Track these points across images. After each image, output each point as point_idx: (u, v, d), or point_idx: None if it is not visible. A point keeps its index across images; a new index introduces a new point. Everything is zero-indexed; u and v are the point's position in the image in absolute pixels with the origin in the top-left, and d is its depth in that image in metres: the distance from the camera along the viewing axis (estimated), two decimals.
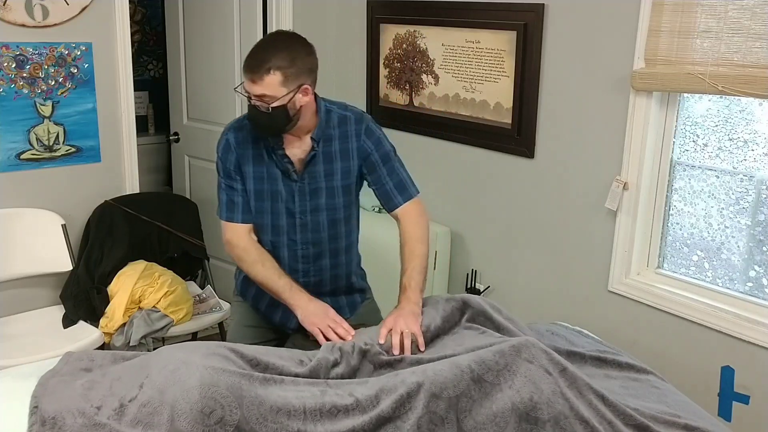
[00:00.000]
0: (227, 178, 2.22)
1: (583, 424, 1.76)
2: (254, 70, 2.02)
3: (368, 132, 2.24)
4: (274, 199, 2.21)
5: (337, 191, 2.24)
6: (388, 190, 2.26)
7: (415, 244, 2.22)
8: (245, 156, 2.19)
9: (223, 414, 1.65)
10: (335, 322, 2.10)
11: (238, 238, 2.22)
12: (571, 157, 3.00)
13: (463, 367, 1.79)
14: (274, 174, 2.19)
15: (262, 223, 2.24)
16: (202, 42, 4.10)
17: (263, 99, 2.04)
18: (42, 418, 1.69)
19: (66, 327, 3.09)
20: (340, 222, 2.28)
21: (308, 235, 2.24)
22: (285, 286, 2.18)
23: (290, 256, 2.26)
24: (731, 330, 2.58)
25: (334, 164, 2.22)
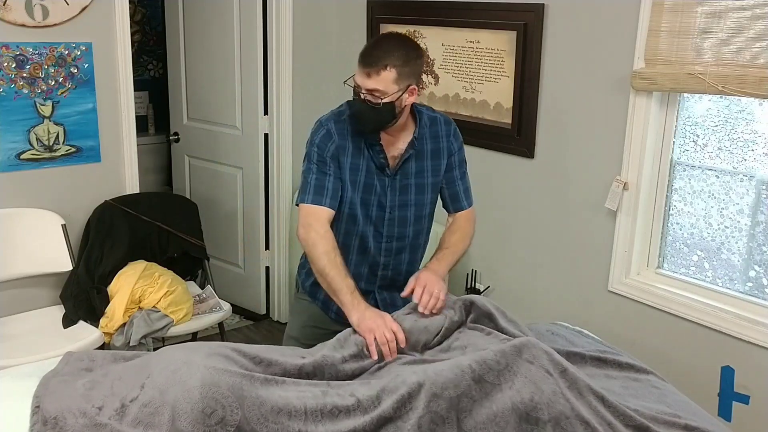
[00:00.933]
0: (321, 165, 2.22)
1: (583, 425, 1.76)
2: (371, 65, 2.09)
3: (455, 134, 2.37)
4: (367, 192, 2.25)
5: (426, 188, 2.32)
6: (458, 191, 2.39)
7: (464, 237, 2.40)
8: (344, 147, 2.22)
9: (224, 414, 1.65)
10: (392, 332, 2.06)
11: (320, 222, 2.20)
12: (571, 157, 3.00)
13: (464, 367, 1.80)
14: (370, 168, 2.24)
15: (353, 213, 2.26)
16: (202, 42, 4.10)
17: (374, 93, 2.11)
18: (43, 418, 1.69)
19: (66, 327, 3.09)
20: (425, 218, 2.36)
21: (394, 229, 2.30)
22: (350, 286, 2.17)
23: (375, 247, 2.30)
24: (731, 330, 2.58)
25: (425, 162, 2.30)
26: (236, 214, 4.18)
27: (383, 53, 2.10)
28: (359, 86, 2.13)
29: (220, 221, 4.22)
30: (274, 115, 3.95)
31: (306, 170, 2.26)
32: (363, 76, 2.11)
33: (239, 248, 4.24)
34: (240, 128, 4.05)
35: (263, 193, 4.07)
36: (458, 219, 2.41)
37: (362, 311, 2.12)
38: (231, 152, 4.12)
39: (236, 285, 4.25)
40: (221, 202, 4.22)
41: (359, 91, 2.14)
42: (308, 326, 2.38)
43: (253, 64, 3.88)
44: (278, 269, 4.17)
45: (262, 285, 4.22)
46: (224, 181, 4.19)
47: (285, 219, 4.09)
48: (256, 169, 4.03)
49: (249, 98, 3.96)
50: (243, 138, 4.05)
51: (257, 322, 4.28)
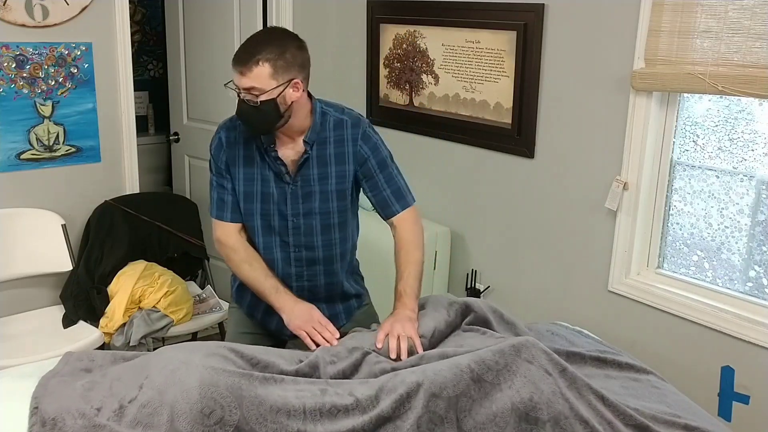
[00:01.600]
0: (218, 176, 2.20)
1: (582, 425, 1.76)
2: (243, 62, 1.99)
3: (365, 137, 2.20)
4: (265, 201, 2.17)
5: (331, 195, 2.19)
6: (385, 197, 2.23)
7: (411, 250, 2.21)
8: (236, 156, 2.16)
9: (223, 414, 1.65)
10: (320, 324, 2.08)
11: (227, 236, 2.22)
12: (571, 157, 3.00)
13: (463, 367, 1.79)
14: (266, 175, 2.16)
15: (252, 225, 2.21)
16: (202, 42, 4.10)
17: (252, 92, 2.01)
18: (42, 418, 1.69)
19: (66, 327, 3.09)
20: (334, 227, 2.23)
21: (301, 238, 2.20)
22: (271, 287, 2.16)
23: (283, 258, 2.23)
24: (731, 330, 2.58)
25: (329, 168, 2.17)
26: None
27: (254, 48, 2.00)
28: (237, 87, 2.03)
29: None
30: None
31: (210, 181, 2.24)
32: (238, 76, 2.01)
33: None
34: None
35: None
36: (398, 231, 2.24)
37: (290, 308, 2.13)
38: None
39: None
40: None
41: (238, 93, 2.04)
42: (239, 333, 2.35)
43: None
44: None
45: None
46: None
47: None
48: None
49: None
50: None
51: None
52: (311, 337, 2.07)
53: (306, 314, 2.12)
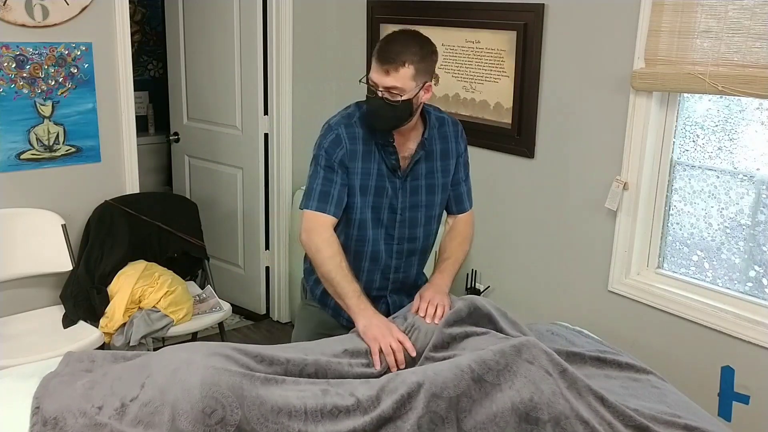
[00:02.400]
0: (328, 171, 2.18)
1: (583, 425, 1.76)
2: (390, 61, 2.05)
3: (462, 136, 2.37)
4: (378, 195, 2.22)
5: (437, 189, 2.30)
6: (462, 193, 2.39)
7: (464, 241, 2.40)
8: (355, 152, 2.19)
9: (224, 414, 1.65)
10: (397, 342, 2.03)
11: (323, 228, 2.18)
12: (571, 157, 3.00)
13: (464, 367, 1.80)
14: (382, 170, 2.21)
15: (364, 218, 2.23)
16: (202, 42, 4.10)
17: (392, 91, 2.07)
18: (43, 418, 1.69)
19: (66, 327, 3.09)
20: (435, 219, 2.34)
21: (405, 231, 2.28)
22: (356, 291, 2.15)
23: (387, 251, 2.28)
24: (731, 330, 2.58)
25: (435, 163, 2.28)
26: (236, 214, 4.18)
27: (401, 49, 2.06)
28: (376, 84, 2.09)
29: (220, 221, 4.22)
30: (274, 115, 3.94)
31: (312, 174, 2.22)
32: (381, 74, 2.07)
33: (239, 248, 4.24)
34: (240, 128, 4.05)
35: (263, 193, 4.07)
36: (458, 222, 2.40)
37: (369, 317, 2.10)
38: (231, 152, 4.12)
39: (236, 285, 4.25)
40: (221, 202, 4.22)
41: (376, 89, 2.09)
42: (318, 333, 2.32)
43: (253, 64, 3.88)
44: (278, 269, 4.17)
45: (262, 285, 4.22)
46: (224, 181, 4.19)
47: (285, 219, 4.09)
48: (256, 169, 4.03)
49: (249, 98, 3.96)
50: (243, 138, 4.05)
51: (257, 322, 4.28)
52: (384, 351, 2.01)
53: (385, 327, 2.07)
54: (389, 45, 2.09)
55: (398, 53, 2.05)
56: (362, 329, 2.08)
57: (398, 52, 2.05)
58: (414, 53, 2.07)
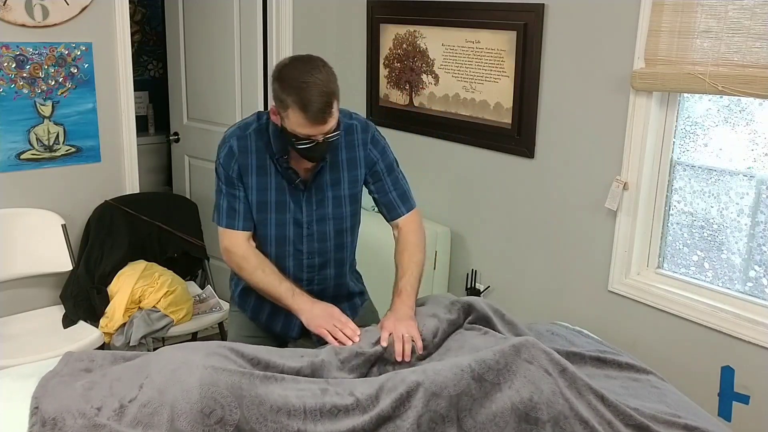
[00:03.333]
0: (229, 185, 2.16)
1: (582, 425, 1.76)
2: (326, 110, 1.94)
3: (374, 141, 2.24)
4: (279, 210, 2.17)
5: (344, 200, 2.22)
6: (391, 200, 2.27)
7: (414, 251, 2.25)
8: (248, 165, 2.14)
9: (223, 414, 1.65)
10: (341, 322, 2.08)
11: (237, 245, 2.17)
12: (571, 157, 3.00)
13: (464, 367, 1.80)
14: (280, 184, 2.15)
15: (265, 234, 2.20)
16: (202, 42, 4.10)
17: (333, 129, 2.00)
18: (42, 418, 1.69)
19: (66, 327, 3.09)
20: (347, 231, 2.26)
21: (314, 245, 2.21)
22: (287, 291, 2.15)
23: (295, 266, 2.23)
24: (731, 330, 2.58)
25: (341, 173, 2.19)
26: None
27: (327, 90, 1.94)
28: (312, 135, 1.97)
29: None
30: None
31: (217, 189, 2.19)
32: (318, 126, 1.95)
33: None
34: None
35: None
36: (402, 232, 2.28)
37: (309, 309, 2.11)
38: None
39: None
40: None
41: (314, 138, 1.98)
42: (243, 336, 2.33)
43: (253, 64, 3.88)
44: None
45: None
46: None
47: None
48: None
49: (249, 98, 3.96)
50: None
51: None
52: (333, 335, 2.05)
53: (326, 313, 2.11)
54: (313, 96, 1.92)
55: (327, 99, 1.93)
56: (306, 322, 2.10)
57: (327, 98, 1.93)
58: (332, 84, 1.97)
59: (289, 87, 1.95)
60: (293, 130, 1.98)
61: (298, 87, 1.93)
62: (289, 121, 1.97)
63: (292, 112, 1.95)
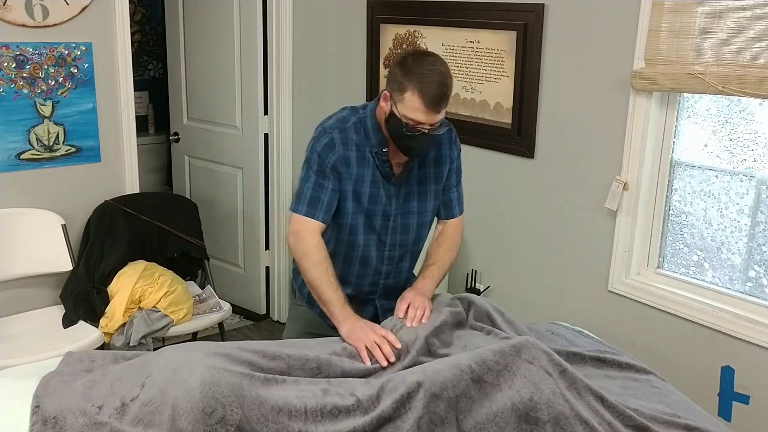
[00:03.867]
0: (320, 175, 2.16)
1: (583, 425, 1.76)
2: (442, 100, 2.02)
3: (456, 141, 2.33)
4: (372, 202, 2.20)
5: (429, 195, 2.27)
6: (452, 199, 2.35)
7: (452, 248, 2.35)
8: (348, 157, 2.16)
9: (225, 413, 1.65)
10: (381, 337, 2.05)
11: (311, 233, 2.17)
12: (571, 157, 3.00)
13: (463, 367, 1.79)
14: (376, 177, 2.18)
15: (355, 224, 2.21)
16: (202, 42, 4.10)
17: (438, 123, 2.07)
18: (43, 417, 1.69)
19: (66, 327, 3.09)
20: (426, 226, 2.33)
21: (397, 237, 2.26)
22: (340, 298, 2.15)
23: (378, 257, 2.26)
24: (731, 330, 2.58)
25: (428, 169, 2.25)
26: (236, 214, 4.18)
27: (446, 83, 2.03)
28: (421, 123, 2.04)
29: (220, 221, 4.22)
30: (274, 115, 3.95)
31: (304, 177, 2.19)
32: (432, 114, 2.03)
33: (239, 248, 4.24)
34: (240, 128, 4.05)
35: (263, 193, 4.07)
36: (447, 228, 2.37)
37: (352, 323, 2.10)
38: (231, 152, 4.12)
39: (236, 285, 4.25)
40: (221, 202, 4.22)
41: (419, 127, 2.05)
42: (306, 333, 2.33)
43: (253, 64, 3.88)
44: (278, 269, 4.17)
45: (262, 285, 4.22)
46: (224, 181, 4.19)
47: (285, 219, 4.08)
48: (256, 169, 4.03)
49: (249, 98, 3.96)
50: (243, 138, 4.05)
51: (257, 322, 4.28)
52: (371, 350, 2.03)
53: (367, 327, 2.09)
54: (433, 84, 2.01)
55: (445, 90, 2.03)
56: (346, 334, 2.09)
57: (445, 89, 2.03)
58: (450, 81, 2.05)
59: (412, 72, 2.03)
60: (405, 114, 2.03)
61: (421, 73, 2.01)
62: (403, 105, 2.03)
63: (410, 96, 2.01)
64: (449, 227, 2.37)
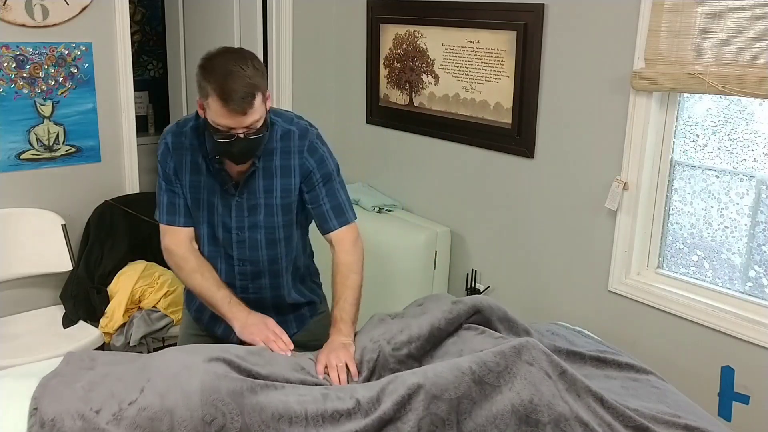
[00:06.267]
0: (167, 181, 2.11)
1: (582, 427, 1.75)
2: (246, 100, 1.86)
3: (311, 149, 2.11)
4: (210, 211, 2.11)
5: (276, 209, 2.12)
6: (324, 212, 2.15)
7: (347, 273, 2.13)
8: (182, 162, 2.08)
9: (225, 422, 1.63)
10: (275, 334, 2.01)
11: (178, 244, 2.12)
12: (571, 157, 3.00)
13: (464, 369, 1.79)
14: (211, 185, 2.08)
15: (201, 234, 2.15)
16: (202, 42, 4.10)
17: (254, 125, 1.92)
18: (41, 420, 1.68)
19: (66, 327, 3.09)
20: (280, 242, 2.16)
21: (246, 252, 2.14)
22: (224, 298, 2.09)
23: (227, 270, 2.17)
24: (731, 330, 2.58)
25: (274, 180, 2.09)
26: None
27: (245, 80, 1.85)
28: (230, 128, 1.89)
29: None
30: None
31: (157, 186, 2.14)
32: (236, 117, 1.87)
33: None
34: None
35: None
36: (335, 251, 2.16)
37: (243, 319, 2.05)
38: None
39: None
40: None
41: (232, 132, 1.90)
42: (188, 335, 2.32)
43: None
44: None
45: None
46: None
47: None
48: None
49: None
50: None
51: None
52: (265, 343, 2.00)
53: (260, 324, 2.05)
54: (231, 84, 1.85)
55: (249, 90, 1.85)
56: (239, 332, 2.04)
57: (249, 89, 1.85)
58: (258, 78, 1.88)
59: (211, 73, 1.89)
60: (213, 120, 1.90)
61: (220, 74, 1.87)
62: (209, 111, 1.90)
63: (212, 101, 1.87)
64: (336, 248, 2.15)
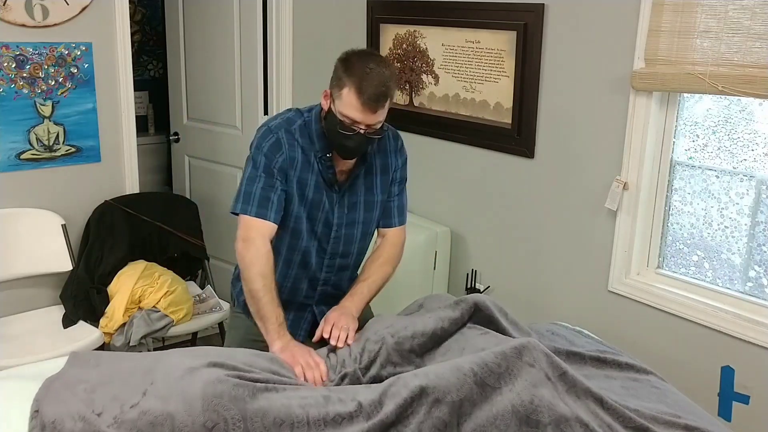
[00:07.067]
0: (268, 175, 2.09)
1: (583, 427, 1.75)
2: (379, 100, 1.97)
3: (402, 150, 2.29)
4: (315, 207, 2.15)
5: (375, 205, 2.23)
6: (391, 207, 2.28)
7: (387, 264, 2.26)
8: (293, 159, 2.11)
9: (227, 428, 1.62)
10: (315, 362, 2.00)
11: (262, 239, 2.07)
12: (571, 157, 3.00)
13: (466, 371, 1.78)
14: (319, 183, 2.14)
15: (298, 227, 2.16)
16: (202, 42, 4.09)
17: (377, 125, 2.02)
18: (42, 422, 1.67)
19: (66, 327, 3.09)
20: (369, 236, 2.27)
21: (339, 246, 2.21)
22: (279, 316, 2.07)
23: (317, 263, 2.22)
24: (731, 330, 2.58)
25: (375, 178, 2.21)
26: None
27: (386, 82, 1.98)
28: (357, 122, 2.00)
29: (220, 221, 4.21)
30: None
31: (250, 177, 2.11)
32: (367, 113, 1.98)
33: None
34: (240, 128, 4.05)
35: None
36: (385, 243, 2.29)
37: (287, 342, 2.04)
38: (231, 152, 4.11)
39: None
40: (221, 202, 4.21)
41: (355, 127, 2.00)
42: (248, 341, 2.26)
43: (253, 64, 3.88)
44: None
45: None
46: (224, 181, 4.19)
47: None
48: None
49: (249, 98, 3.96)
50: (243, 138, 4.05)
51: None
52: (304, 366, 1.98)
53: (303, 348, 2.04)
54: (372, 83, 1.96)
55: (385, 91, 1.97)
56: (279, 350, 2.01)
57: (385, 89, 1.97)
58: (392, 83, 2.00)
59: (353, 68, 2.00)
60: (341, 111, 1.99)
61: (362, 70, 1.98)
62: (340, 102, 1.99)
63: (347, 93, 1.97)
64: (387, 242, 2.29)
